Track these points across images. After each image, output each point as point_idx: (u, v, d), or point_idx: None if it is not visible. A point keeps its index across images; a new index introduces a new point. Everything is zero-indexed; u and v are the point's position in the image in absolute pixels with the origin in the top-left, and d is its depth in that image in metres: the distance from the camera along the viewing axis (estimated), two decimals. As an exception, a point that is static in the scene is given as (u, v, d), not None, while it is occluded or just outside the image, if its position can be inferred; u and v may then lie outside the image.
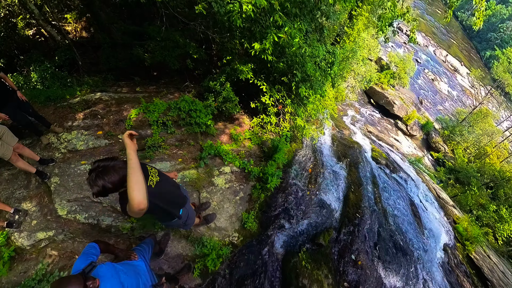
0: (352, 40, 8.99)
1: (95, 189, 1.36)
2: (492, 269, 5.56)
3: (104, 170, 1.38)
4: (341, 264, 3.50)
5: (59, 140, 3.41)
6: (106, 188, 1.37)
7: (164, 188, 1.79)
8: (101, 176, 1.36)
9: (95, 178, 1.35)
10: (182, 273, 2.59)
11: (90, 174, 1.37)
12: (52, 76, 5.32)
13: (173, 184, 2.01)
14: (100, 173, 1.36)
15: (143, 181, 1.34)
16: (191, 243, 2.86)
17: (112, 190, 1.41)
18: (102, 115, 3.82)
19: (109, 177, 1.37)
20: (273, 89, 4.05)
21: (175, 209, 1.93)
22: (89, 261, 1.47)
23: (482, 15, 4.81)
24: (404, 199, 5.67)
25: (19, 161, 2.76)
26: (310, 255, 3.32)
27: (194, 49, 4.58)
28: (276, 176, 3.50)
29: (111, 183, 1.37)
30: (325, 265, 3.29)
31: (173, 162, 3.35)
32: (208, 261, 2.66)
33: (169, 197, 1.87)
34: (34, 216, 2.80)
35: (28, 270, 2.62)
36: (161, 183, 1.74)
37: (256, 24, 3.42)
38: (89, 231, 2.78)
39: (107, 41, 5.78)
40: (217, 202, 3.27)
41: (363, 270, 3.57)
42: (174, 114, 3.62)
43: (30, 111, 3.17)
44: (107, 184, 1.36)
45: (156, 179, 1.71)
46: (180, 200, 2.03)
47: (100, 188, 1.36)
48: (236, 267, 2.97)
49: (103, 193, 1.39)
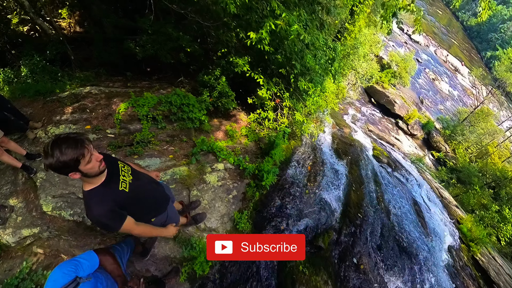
0: (353, 36, 8.84)
1: (48, 160, 1.12)
2: (498, 272, 5.39)
3: (62, 139, 1.16)
4: (342, 269, 3.26)
5: (46, 135, 3.28)
6: (60, 161, 1.13)
7: (142, 190, 1.58)
8: (57, 144, 1.13)
9: (50, 146, 1.13)
10: (170, 276, 2.40)
11: (49, 144, 1.14)
12: (42, 70, 5.18)
13: (151, 182, 1.76)
14: (58, 141, 1.14)
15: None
16: (179, 244, 2.67)
17: (66, 165, 1.15)
18: (91, 109, 3.68)
19: (66, 147, 1.13)
20: (271, 82, 3.87)
21: (155, 212, 1.73)
22: (73, 276, 1.17)
23: (487, 6, 4.61)
24: (407, 199, 5.49)
25: (4, 155, 2.66)
26: (308, 259, 3.09)
27: (188, 42, 4.39)
28: (272, 173, 3.27)
29: (66, 154, 1.13)
30: (325, 270, 3.06)
31: (163, 158, 3.16)
32: (196, 264, 2.45)
33: (148, 201, 1.66)
34: (19, 212, 2.70)
35: (13, 268, 2.52)
36: (136, 184, 1.52)
37: (252, 13, 3.25)
38: (75, 229, 2.66)
39: (99, 35, 5.63)
40: (208, 201, 3.07)
41: (365, 275, 3.33)
42: (165, 109, 3.43)
43: (8, 106, 3.04)
44: (62, 156, 1.12)
45: (129, 179, 1.48)
46: (163, 201, 1.82)
47: (54, 160, 1.12)
48: (227, 272, 2.74)
49: (55, 166, 1.14)
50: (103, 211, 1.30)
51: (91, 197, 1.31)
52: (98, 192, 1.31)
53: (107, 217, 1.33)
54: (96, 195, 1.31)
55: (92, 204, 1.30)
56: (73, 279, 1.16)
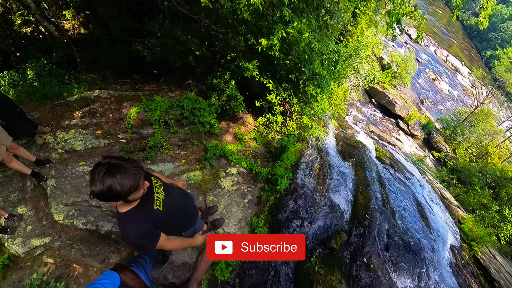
0: (356, 39, 8.88)
1: (98, 188, 1.06)
2: (498, 270, 5.50)
3: (118, 167, 1.10)
4: (354, 268, 3.38)
5: (56, 140, 3.22)
6: (113, 190, 1.08)
7: (174, 206, 1.55)
8: (113, 173, 1.07)
9: (103, 174, 1.06)
10: (189, 284, 2.43)
11: (97, 168, 1.08)
12: (49, 73, 5.15)
13: (182, 195, 1.74)
14: (113, 169, 1.08)
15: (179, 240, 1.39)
16: (198, 250, 2.68)
17: (117, 196, 1.12)
18: (101, 113, 3.65)
19: (122, 178, 1.09)
20: (280, 88, 3.91)
21: (186, 226, 1.74)
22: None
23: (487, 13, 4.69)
24: (411, 199, 5.59)
25: (13, 162, 2.57)
26: (323, 260, 3.20)
27: (196, 46, 4.42)
28: (286, 177, 3.34)
29: (121, 185, 1.09)
30: (338, 270, 3.17)
31: (176, 163, 3.18)
32: (217, 270, 2.50)
33: (181, 215, 1.64)
34: (29, 221, 2.62)
35: (22, 279, 2.46)
36: (169, 200, 1.49)
37: (263, 19, 3.28)
38: (88, 238, 2.61)
39: (105, 37, 5.61)
40: (225, 206, 3.09)
41: (375, 274, 3.46)
42: (177, 113, 3.45)
43: (17, 110, 3.00)
44: (116, 186, 1.08)
45: (162, 196, 1.45)
46: (193, 215, 1.81)
47: (105, 189, 1.06)
48: (246, 275, 2.80)
49: (105, 195, 1.09)
50: (140, 234, 1.28)
51: (127, 220, 1.28)
52: (135, 214, 1.28)
53: (145, 239, 1.31)
54: (132, 218, 1.28)
55: (129, 227, 1.27)
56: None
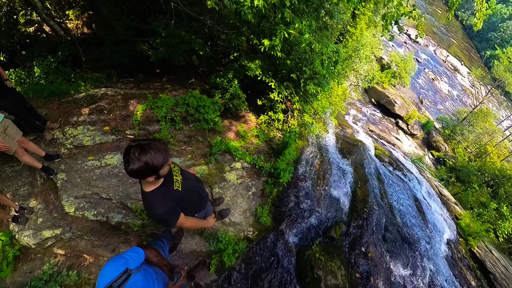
0: (355, 39, 8.98)
1: (137, 165, 1.19)
2: (494, 263, 5.64)
3: (149, 145, 1.24)
4: (352, 256, 3.60)
5: (64, 136, 3.33)
6: (150, 165, 1.21)
7: (190, 188, 1.73)
8: (146, 150, 1.21)
9: (139, 153, 1.19)
10: (198, 269, 2.56)
11: (131, 149, 1.21)
12: (55, 71, 5.25)
13: (196, 180, 1.92)
14: (146, 147, 1.22)
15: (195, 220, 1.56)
16: (205, 239, 2.84)
17: (153, 170, 1.26)
18: (108, 110, 3.77)
19: (155, 153, 1.23)
20: (282, 86, 4.03)
21: (199, 208, 1.90)
22: (124, 268, 1.21)
23: (482, 15, 4.81)
24: (408, 195, 5.75)
25: (25, 156, 2.66)
26: (323, 248, 3.39)
27: (200, 46, 4.53)
28: (288, 171, 3.51)
29: (156, 160, 1.23)
30: (337, 257, 3.36)
31: (182, 158, 3.31)
32: (225, 256, 2.65)
33: (196, 196, 1.82)
34: (39, 213, 2.72)
35: (33, 270, 2.55)
36: (186, 183, 1.66)
37: (265, 20, 3.39)
38: (98, 229, 2.72)
39: (110, 37, 5.71)
40: (230, 198, 3.26)
41: (373, 262, 3.67)
42: (183, 110, 3.58)
43: (27, 106, 3.10)
44: (152, 160, 1.21)
45: (180, 179, 1.61)
46: (205, 199, 1.98)
47: (143, 164, 1.19)
48: (251, 261, 2.98)
49: (143, 171, 1.22)
50: (166, 209, 1.44)
51: (154, 197, 1.43)
52: (159, 192, 1.44)
53: (169, 214, 1.48)
54: (158, 195, 1.43)
55: (156, 203, 1.42)
56: (124, 270, 1.20)
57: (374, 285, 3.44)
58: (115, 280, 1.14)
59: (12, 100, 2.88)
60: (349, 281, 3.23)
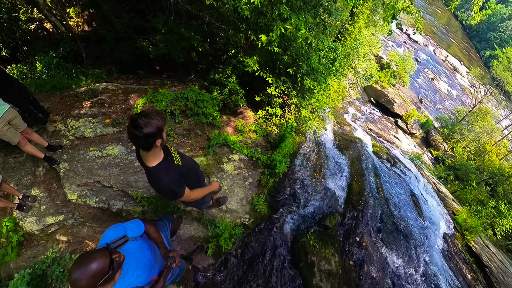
0: (353, 37, 9.04)
1: (150, 127, 1.26)
2: (490, 257, 5.69)
3: (149, 112, 1.33)
4: (347, 245, 3.69)
5: (66, 128, 3.41)
6: (159, 125, 1.30)
7: (189, 165, 1.83)
8: (150, 115, 1.29)
9: (145, 117, 1.27)
10: (195, 253, 2.65)
11: (136, 120, 1.26)
12: (57, 66, 5.35)
13: (192, 161, 2.07)
14: (148, 113, 1.31)
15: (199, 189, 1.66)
16: (203, 225, 2.93)
17: (161, 130, 1.35)
18: (109, 103, 3.85)
19: (156, 116, 1.32)
20: (279, 81, 4.11)
21: (198, 184, 1.99)
22: (123, 234, 1.33)
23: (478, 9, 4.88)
24: (405, 190, 5.82)
25: (28, 145, 2.73)
26: (318, 236, 3.48)
27: (199, 42, 4.61)
28: (284, 162, 3.60)
29: (161, 120, 1.33)
30: (332, 245, 3.45)
31: (181, 150, 3.38)
32: (221, 240, 2.74)
33: (194, 174, 1.93)
34: (42, 201, 2.81)
35: (37, 255, 2.63)
36: (184, 161, 1.75)
37: (262, 16, 3.47)
38: (100, 216, 2.81)
39: (111, 34, 5.80)
40: (228, 187, 3.35)
41: (367, 251, 3.75)
42: (182, 104, 3.66)
43: (31, 98, 3.16)
44: (157, 122, 1.30)
45: (178, 156, 1.71)
46: (201, 177, 2.09)
47: (155, 125, 1.28)
48: (247, 247, 3.08)
49: (155, 132, 1.29)
50: (172, 179, 1.53)
51: (159, 170, 1.50)
52: (163, 165, 1.52)
53: (176, 185, 1.56)
54: (163, 168, 1.51)
55: (162, 175, 1.50)
56: (122, 235, 1.33)
57: (368, 272, 3.51)
58: (112, 242, 1.25)
59: (16, 91, 2.94)
60: (342, 268, 3.32)
